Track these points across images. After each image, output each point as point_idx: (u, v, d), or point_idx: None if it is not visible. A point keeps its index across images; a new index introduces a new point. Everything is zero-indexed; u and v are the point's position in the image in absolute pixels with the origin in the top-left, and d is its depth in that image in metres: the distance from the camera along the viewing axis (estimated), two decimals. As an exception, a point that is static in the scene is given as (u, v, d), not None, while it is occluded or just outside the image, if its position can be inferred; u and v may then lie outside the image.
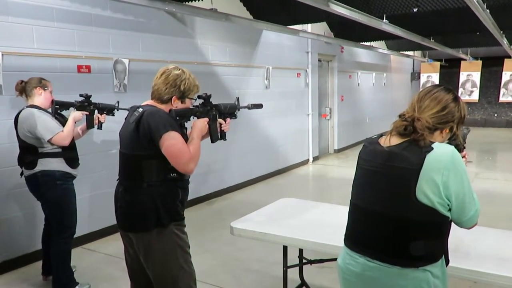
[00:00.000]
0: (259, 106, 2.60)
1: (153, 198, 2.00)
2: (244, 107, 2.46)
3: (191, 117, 2.18)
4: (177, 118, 2.07)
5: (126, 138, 2.08)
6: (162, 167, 1.99)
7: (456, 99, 1.51)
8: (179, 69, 2.11)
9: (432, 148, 1.41)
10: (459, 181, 1.40)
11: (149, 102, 2.12)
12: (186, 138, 2.07)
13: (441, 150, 1.41)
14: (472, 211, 1.46)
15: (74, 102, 3.14)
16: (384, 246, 1.47)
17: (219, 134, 2.26)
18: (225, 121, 2.29)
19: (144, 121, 1.96)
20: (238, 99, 2.37)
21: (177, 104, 2.10)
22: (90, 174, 4.11)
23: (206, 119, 2.16)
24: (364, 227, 1.56)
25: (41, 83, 3.05)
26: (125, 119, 2.15)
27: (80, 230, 3.90)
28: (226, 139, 2.30)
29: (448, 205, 1.42)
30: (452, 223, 1.51)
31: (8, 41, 3.48)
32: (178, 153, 1.96)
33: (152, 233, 2.01)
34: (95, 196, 4.22)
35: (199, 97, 2.17)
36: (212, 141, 2.25)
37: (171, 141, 1.94)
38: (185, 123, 2.16)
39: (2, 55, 3.43)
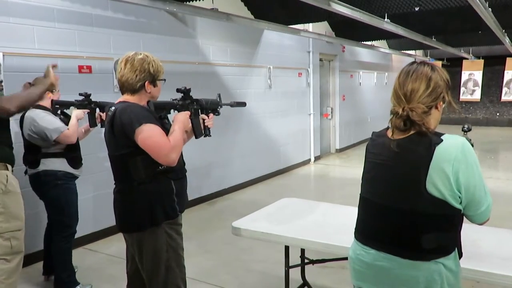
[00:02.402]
0: (243, 104, 2.54)
1: (147, 196, 1.97)
2: (227, 104, 2.38)
3: (171, 110, 2.10)
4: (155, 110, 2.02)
5: (106, 140, 2.05)
6: (148, 162, 1.92)
7: (434, 68, 1.47)
8: (141, 53, 2.03)
9: (442, 140, 1.39)
10: (470, 173, 1.38)
11: (121, 98, 2.06)
12: (167, 131, 1.99)
13: (451, 142, 1.39)
14: (483, 205, 1.42)
15: (74, 101, 3.15)
16: (394, 240, 1.47)
17: (202, 129, 2.18)
18: (208, 117, 2.21)
19: (117, 120, 1.91)
20: (219, 95, 2.30)
21: (150, 90, 2.03)
22: (93, 174, 4.12)
23: (187, 112, 2.08)
24: (374, 220, 1.55)
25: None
26: (104, 120, 2.13)
27: (82, 230, 3.90)
28: (210, 135, 2.22)
29: (460, 197, 1.40)
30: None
31: (9, 41, 3.48)
32: (156, 145, 1.88)
33: (145, 233, 1.99)
34: (97, 196, 4.23)
35: (178, 90, 2.10)
36: (196, 137, 2.17)
37: (146, 134, 1.87)
38: (166, 116, 2.10)
39: (3, 55, 3.43)
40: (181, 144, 1.99)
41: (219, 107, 2.28)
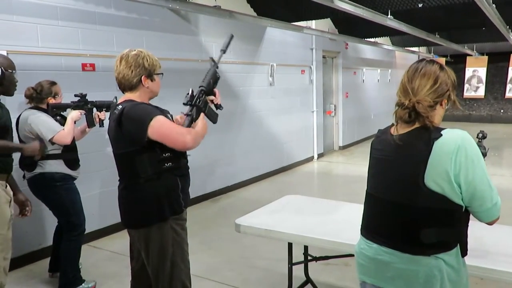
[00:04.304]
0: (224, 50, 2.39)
1: (153, 192, 2.00)
2: (217, 63, 2.29)
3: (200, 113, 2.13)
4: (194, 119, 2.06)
5: (112, 138, 2.07)
6: (155, 159, 1.97)
7: (442, 67, 1.51)
8: (135, 50, 2.06)
9: (441, 135, 1.40)
10: (469, 166, 1.37)
11: (124, 97, 2.08)
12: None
13: (450, 136, 1.39)
14: (488, 201, 1.41)
15: (70, 103, 3.14)
16: (395, 234, 1.48)
17: (215, 111, 2.22)
18: (215, 95, 2.23)
19: (125, 118, 1.94)
20: (212, 58, 2.26)
21: (148, 84, 2.05)
22: (96, 172, 4.13)
23: (204, 121, 2.12)
24: (376, 215, 1.57)
25: (52, 92, 3.06)
26: (109, 119, 2.12)
27: (86, 228, 3.92)
28: (222, 108, 2.25)
29: (460, 192, 1.39)
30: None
31: (12, 40, 3.49)
32: (170, 130, 1.93)
33: (152, 228, 2.02)
34: (100, 194, 4.24)
35: (186, 100, 2.10)
36: (214, 122, 2.24)
37: (159, 123, 1.92)
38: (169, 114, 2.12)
39: (7, 54, 3.43)
40: (198, 135, 2.01)
41: (218, 75, 2.25)
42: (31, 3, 3.60)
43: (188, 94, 2.11)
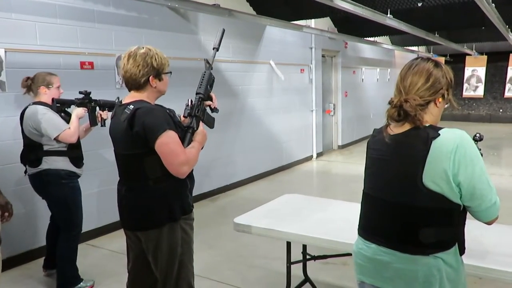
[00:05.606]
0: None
1: (164, 193, 1.96)
2: (211, 62, 2.20)
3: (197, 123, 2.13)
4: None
5: (118, 138, 2.00)
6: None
7: (438, 65, 1.48)
8: (143, 47, 1.97)
9: (439, 135, 1.38)
10: (468, 165, 1.36)
11: (130, 96, 2.01)
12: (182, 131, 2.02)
13: (448, 135, 1.38)
14: (487, 200, 1.40)
15: (74, 99, 3.12)
16: (393, 234, 1.47)
17: (211, 113, 2.19)
18: (212, 100, 2.18)
19: (138, 120, 1.87)
20: (206, 60, 2.19)
21: (155, 84, 1.99)
22: (96, 170, 4.13)
23: (205, 133, 2.11)
24: (374, 215, 1.56)
25: (45, 81, 3.02)
26: (112, 117, 2.06)
27: (85, 226, 3.90)
28: (218, 111, 2.22)
29: (459, 192, 1.39)
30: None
31: (11, 37, 3.48)
32: (172, 152, 1.87)
33: (163, 229, 1.98)
34: (100, 192, 4.23)
35: (187, 109, 2.09)
36: (211, 128, 2.22)
37: (166, 140, 1.86)
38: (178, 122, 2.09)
39: (5, 51, 3.43)
40: (195, 161, 1.99)
41: (213, 77, 2.19)
42: (29, 1, 3.59)
43: (187, 105, 2.08)
